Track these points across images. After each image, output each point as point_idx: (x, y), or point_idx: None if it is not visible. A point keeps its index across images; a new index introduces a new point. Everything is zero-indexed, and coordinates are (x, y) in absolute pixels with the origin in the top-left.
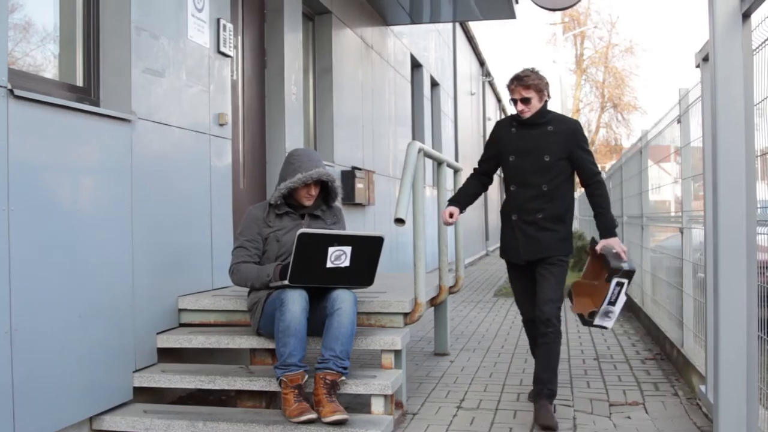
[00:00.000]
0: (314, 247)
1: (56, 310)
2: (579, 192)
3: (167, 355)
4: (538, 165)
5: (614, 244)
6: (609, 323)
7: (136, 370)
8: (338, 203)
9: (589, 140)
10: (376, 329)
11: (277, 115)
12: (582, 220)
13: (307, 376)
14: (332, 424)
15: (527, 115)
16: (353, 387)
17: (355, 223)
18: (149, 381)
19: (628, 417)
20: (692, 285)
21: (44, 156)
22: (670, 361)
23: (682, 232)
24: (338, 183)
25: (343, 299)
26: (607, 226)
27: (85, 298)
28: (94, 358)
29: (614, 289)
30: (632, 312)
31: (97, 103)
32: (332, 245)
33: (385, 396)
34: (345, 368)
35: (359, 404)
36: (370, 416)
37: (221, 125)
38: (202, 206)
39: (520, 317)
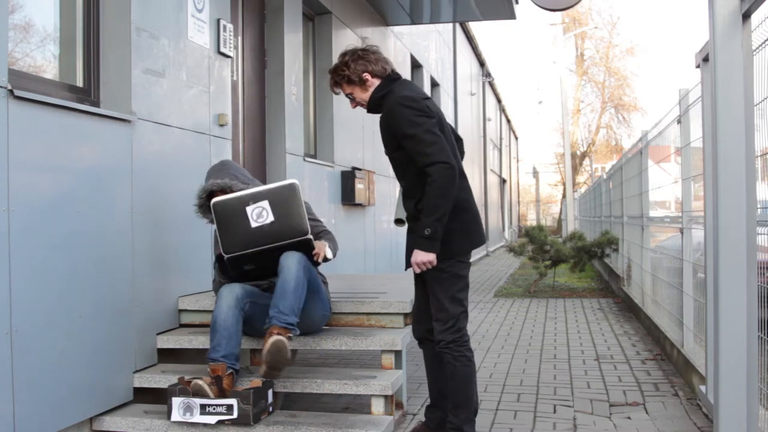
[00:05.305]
0: (232, 213)
1: (56, 310)
2: (578, 192)
3: (168, 355)
4: (390, 161)
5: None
6: None
7: (137, 371)
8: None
9: (590, 140)
10: (376, 329)
11: (278, 116)
12: (583, 221)
13: (229, 371)
14: (273, 347)
15: (363, 107)
16: (353, 387)
17: (355, 223)
18: (150, 381)
19: (629, 417)
20: (692, 285)
21: (44, 156)
22: (671, 361)
23: (682, 233)
24: (241, 186)
25: (287, 257)
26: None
27: (86, 298)
28: (95, 359)
29: None
30: (632, 312)
31: (97, 104)
32: (248, 204)
33: (386, 396)
34: (290, 324)
35: (359, 405)
36: (370, 417)
37: (221, 126)
38: None
39: (520, 318)
